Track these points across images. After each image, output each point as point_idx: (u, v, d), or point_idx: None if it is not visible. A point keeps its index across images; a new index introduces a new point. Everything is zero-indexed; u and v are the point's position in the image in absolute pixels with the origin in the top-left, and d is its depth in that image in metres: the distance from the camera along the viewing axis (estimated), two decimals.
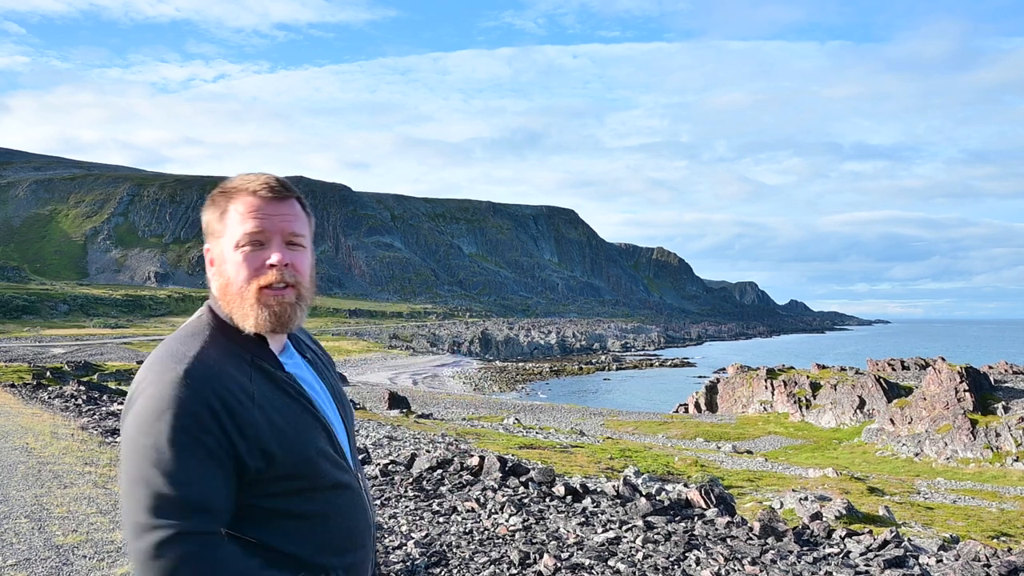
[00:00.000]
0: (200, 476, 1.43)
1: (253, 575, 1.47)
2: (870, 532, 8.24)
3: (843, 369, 46.49)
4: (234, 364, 1.55)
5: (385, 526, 6.56)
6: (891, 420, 35.04)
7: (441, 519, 6.82)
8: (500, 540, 6.16)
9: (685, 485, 15.40)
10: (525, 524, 6.61)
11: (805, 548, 6.55)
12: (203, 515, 1.43)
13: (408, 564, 5.51)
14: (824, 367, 47.02)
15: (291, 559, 1.58)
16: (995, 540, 14.67)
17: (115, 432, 12.13)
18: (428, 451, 11.51)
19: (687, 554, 5.93)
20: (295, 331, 1.75)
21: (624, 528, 6.61)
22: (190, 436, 1.43)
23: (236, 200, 1.59)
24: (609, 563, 5.60)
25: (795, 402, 42.42)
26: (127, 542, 1.44)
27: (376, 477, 8.66)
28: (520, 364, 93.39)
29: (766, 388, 45.03)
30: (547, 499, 7.74)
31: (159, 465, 1.42)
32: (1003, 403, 32.16)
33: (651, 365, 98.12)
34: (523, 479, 8.33)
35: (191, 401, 1.45)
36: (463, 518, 6.87)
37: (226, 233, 1.59)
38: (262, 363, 1.60)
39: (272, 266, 1.56)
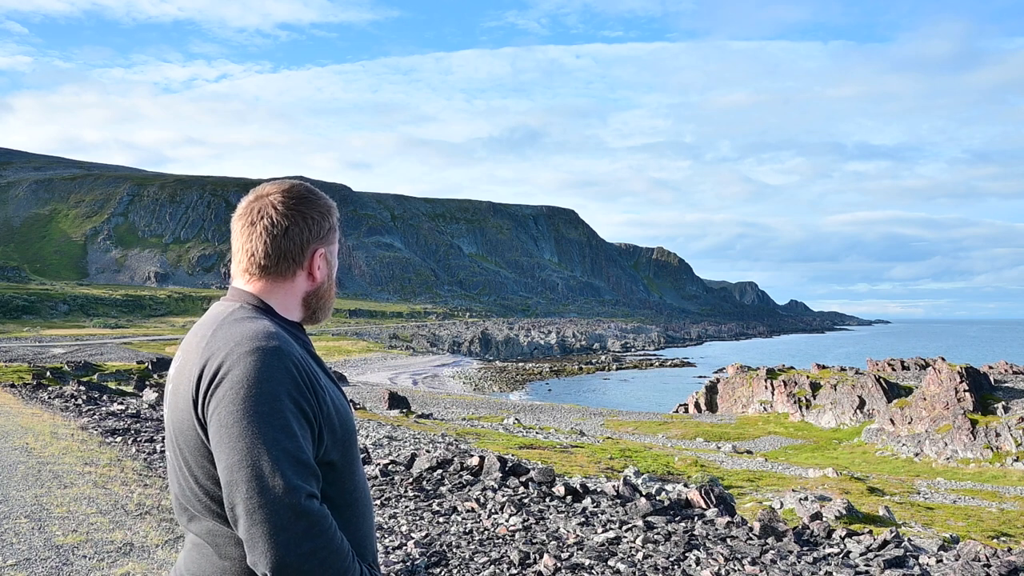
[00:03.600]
0: (308, 444, 1.54)
1: (349, 551, 1.56)
2: (870, 532, 8.24)
3: (843, 369, 46.47)
4: (297, 344, 1.67)
5: (385, 526, 6.56)
6: (891, 420, 35.03)
7: (441, 519, 6.82)
8: (500, 540, 6.16)
9: (685, 485, 15.40)
10: (525, 524, 6.61)
11: (805, 548, 6.55)
12: (316, 480, 1.53)
13: (408, 564, 5.51)
14: (824, 367, 47.00)
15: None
16: (995, 540, 14.67)
17: (115, 432, 12.12)
18: (428, 451, 11.51)
19: (687, 554, 5.93)
20: None
21: (624, 528, 6.61)
22: (299, 407, 1.54)
23: (332, 215, 1.83)
24: (609, 563, 5.60)
25: (795, 402, 42.41)
26: (248, 506, 1.45)
27: (376, 477, 8.66)
28: (520, 364, 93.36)
29: (766, 388, 45.02)
30: (547, 499, 7.74)
31: (286, 430, 1.49)
32: (1003, 403, 32.15)
33: (651, 365, 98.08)
34: (523, 479, 8.33)
35: (298, 374, 1.56)
36: (463, 518, 6.87)
37: (335, 242, 1.83)
38: (309, 347, 1.75)
39: None
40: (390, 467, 9.10)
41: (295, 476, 1.46)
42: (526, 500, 7.55)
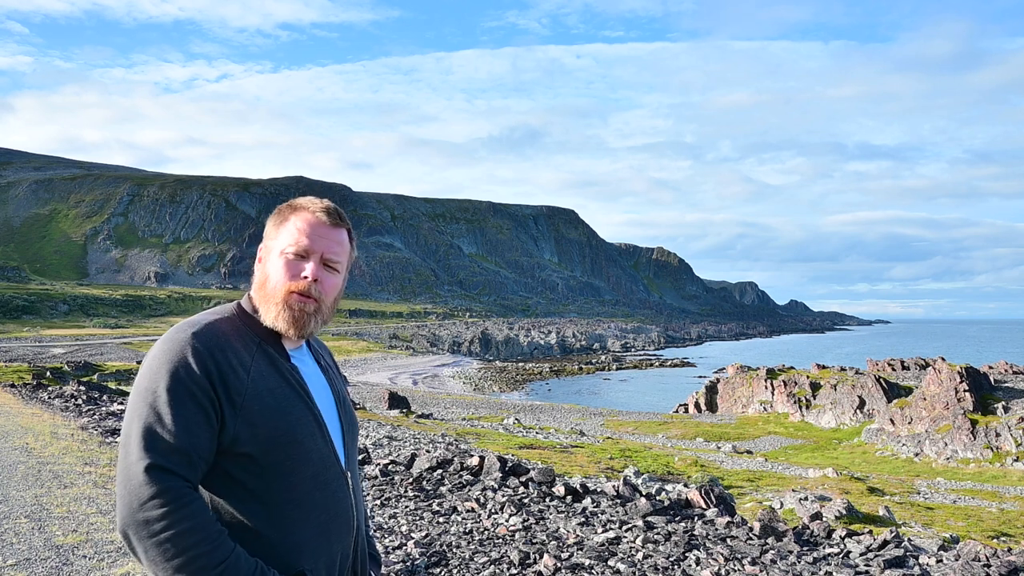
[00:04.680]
0: (187, 425, 1.62)
1: (217, 536, 1.60)
2: (870, 532, 8.24)
3: (843, 369, 46.46)
4: (242, 342, 1.77)
5: (385, 526, 6.56)
6: (891, 420, 35.03)
7: (441, 519, 6.82)
8: (500, 540, 6.17)
9: (685, 485, 15.40)
10: (525, 524, 6.61)
11: (805, 548, 6.55)
12: (184, 459, 1.61)
13: (408, 564, 5.51)
14: (824, 367, 46.99)
15: (260, 539, 1.70)
16: (995, 540, 14.67)
17: (115, 432, 12.12)
18: (428, 451, 11.51)
19: (687, 554, 5.93)
20: (316, 344, 2.04)
21: (624, 528, 6.61)
22: (184, 387, 1.63)
23: (297, 216, 1.86)
24: (609, 563, 5.60)
25: (795, 402, 42.40)
26: (118, 470, 1.62)
27: (376, 477, 8.66)
28: (520, 364, 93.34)
29: (766, 388, 45.01)
30: (547, 499, 7.74)
31: (154, 406, 1.62)
32: (1003, 403, 32.14)
33: (651, 365, 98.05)
34: (523, 479, 8.33)
35: (192, 358, 1.66)
36: (463, 518, 6.87)
37: (279, 239, 1.85)
38: (268, 348, 1.82)
39: (305, 278, 1.81)
40: (390, 467, 9.10)
41: (149, 448, 1.58)
42: (526, 500, 7.55)
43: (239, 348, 1.74)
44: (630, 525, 6.68)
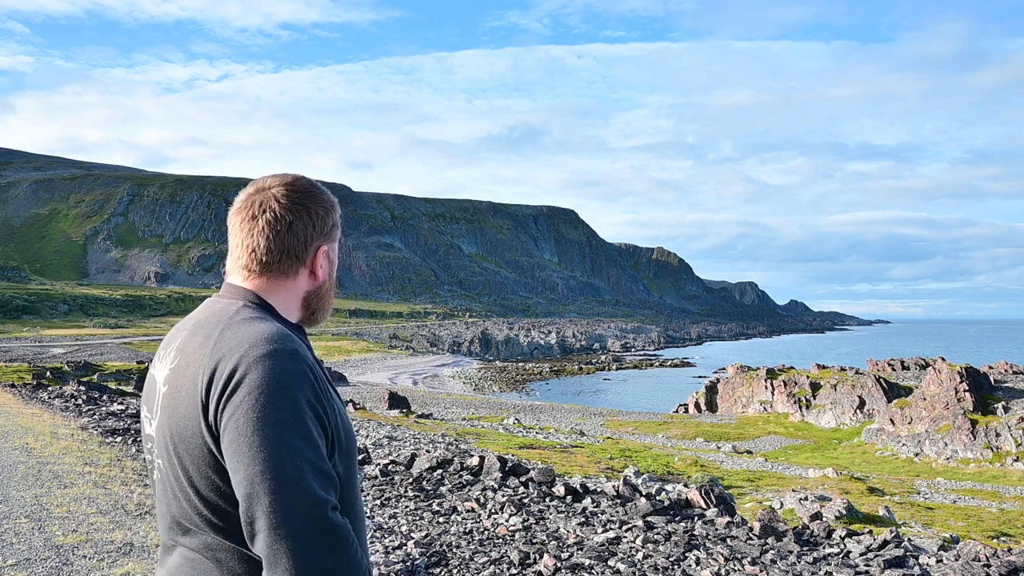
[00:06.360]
0: (325, 451, 1.45)
1: (364, 564, 1.47)
2: (870, 532, 8.24)
3: (843, 369, 46.46)
4: (305, 349, 1.58)
5: (385, 526, 6.56)
6: (891, 420, 35.03)
7: (441, 519, 6.82)
8: (500, 540, 6.17)
9: (685, 485, 15.40)
10: (525, 524, 6.61)
11: (805, 548, 6.55)
12: (337, 493, 1.45)
13: (408, 564, 5.51)
14: (824, 367, 46.99)
15: None
16: (995, 540, 14.67)
17: (115, 432, 12.13)
18: (428, 451, 11.51)
19: (687, 554, 5.93)
20: None
21: (624, 528, 6.61)
22: (316, 413, 1.44)
23: (336, 211, 1.73)
24: (609, 563, 5.60)
25: (795, 402, 42.40)
26: (280, 518, 1.34)
27: (376, 477, 8.66)
28: (520, 364, 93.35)
29: (766, 388, 45.01)
30: (547, 499, 7.74)
31: (307, 440, 1.39)
32: (1003, 403, 32.14)
33: (651, 365, 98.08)
34: (523, 479, 8.33)
35: (311, 378, 1.46)
36: (463, 518, 6.87)
37: (335, 239, 1.72)
38: (312, 351, 1.66)
39: None
40: (390, 467, 9.11)
41: (320, 488, 1.37)
42: (526, 500, 7.55)
43: (316, 359, 1.56)
44: (630, 525, 6.68)
